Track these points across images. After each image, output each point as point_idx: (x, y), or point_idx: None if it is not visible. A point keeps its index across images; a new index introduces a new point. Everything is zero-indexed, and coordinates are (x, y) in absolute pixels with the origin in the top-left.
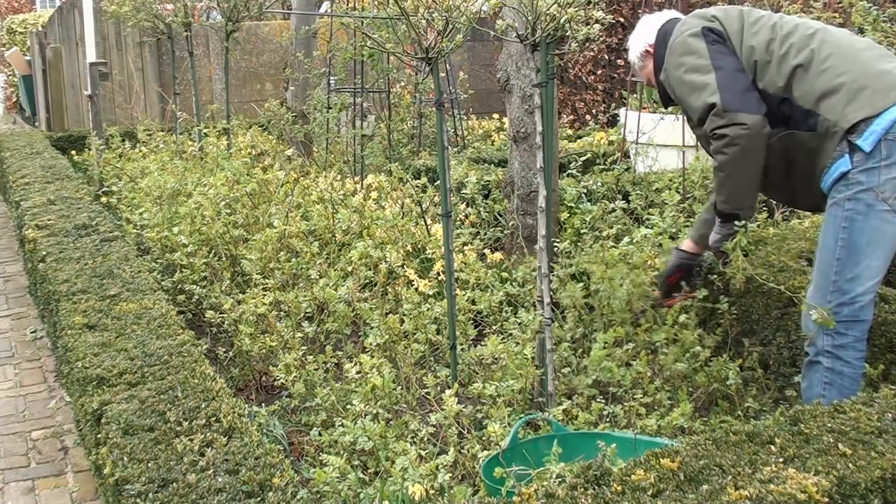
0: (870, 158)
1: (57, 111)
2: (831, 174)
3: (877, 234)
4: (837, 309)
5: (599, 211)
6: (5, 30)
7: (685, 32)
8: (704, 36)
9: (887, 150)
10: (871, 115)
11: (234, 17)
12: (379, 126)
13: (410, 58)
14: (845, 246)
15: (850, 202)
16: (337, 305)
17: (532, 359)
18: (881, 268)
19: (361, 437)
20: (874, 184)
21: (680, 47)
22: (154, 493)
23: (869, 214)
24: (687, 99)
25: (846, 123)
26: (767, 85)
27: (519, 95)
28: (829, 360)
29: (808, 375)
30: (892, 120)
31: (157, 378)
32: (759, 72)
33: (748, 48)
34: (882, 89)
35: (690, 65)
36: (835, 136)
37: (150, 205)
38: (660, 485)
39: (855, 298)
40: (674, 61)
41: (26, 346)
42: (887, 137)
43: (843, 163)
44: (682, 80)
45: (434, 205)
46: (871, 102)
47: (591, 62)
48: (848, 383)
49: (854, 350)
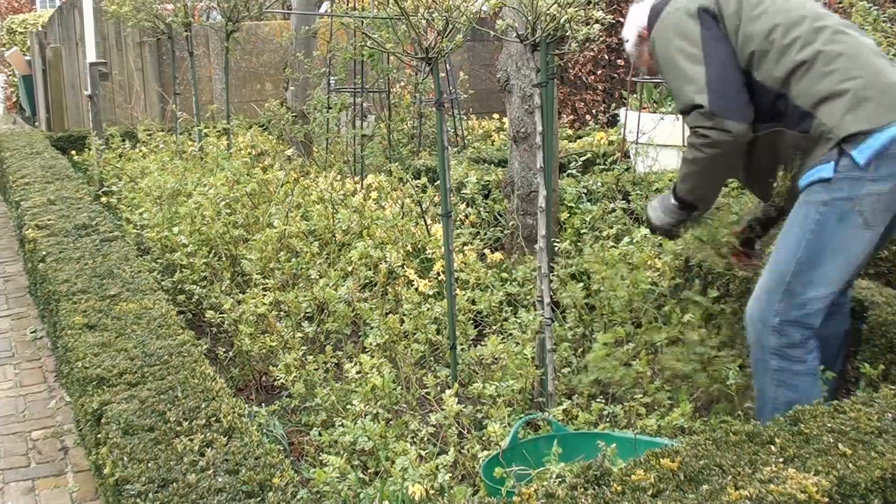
0: (858, 170)
1: (57, 111)
2: (810, 176)
3: (843, 244)
4: (785, 310)
5: (599, 211)
6: (5, 30)
7: (680, 9)
8: (700, 18)
9: (878, 167)
10: (870, 129)
11: (234, 17)
12: (379, 126)
13: (410, 58)
14: (808, 248)
15: (825, 206)
16: (337, 305)
17: (532, 359)
18: (837, 280)
19: (361, 437)
20: (856, 195)
21: (672, 25)
22: (154, 493)
23: (841, 223)
24: (673, 84)
25: (843, 132)
26: (765, 78)
27: (519, 95)
28: (776, 360)
29: (757, 375)
30: (892, 137)
31: (157, 378)
32: (755, 63)
33: (745, 35)
34: (887, 104)
35: (681, 49)
36: (828, 142)
37: (150, 205)
38: (660, 485)
39: (805, 303)
40: (663, 38)
41: (26, 346)
42: (882, 154)
43: (825, 168)
44: (672, 62)
45: (434, 205)
46: (874, 116)
47: (591, 62)
48: (801, 380)
49: (803, 348)
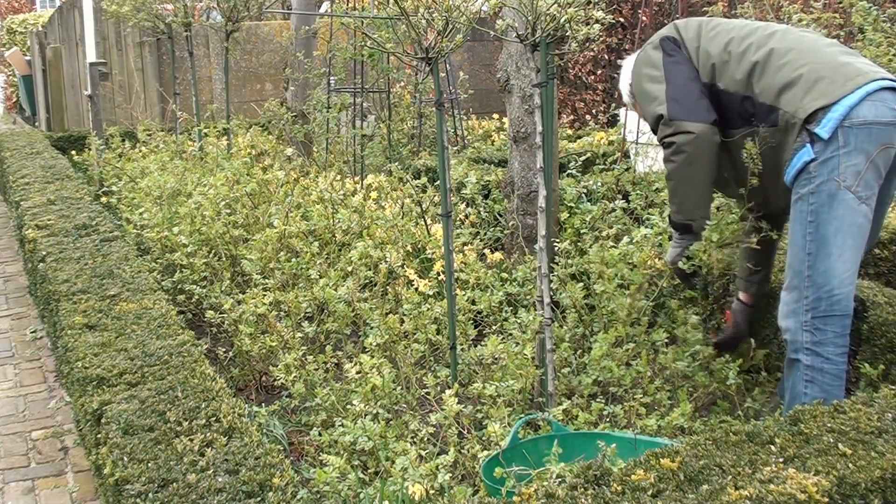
0: (828, 147)
1: (57, 111)
2: (794, 166)
3: (843, 223)
4: (815, 304)
5: (599, 211)
6: (5, 30)
7: (647, 46)
8: (662, 47)
9: (844, 138)
10: (827, 104)
11: (234, 17)
12: (379, 126)
13: (410, 58)
14: (814, 240)
15: (812, 196)
16: (337, 305)
17: (532, 359)
18: (854, 258)
19: (361, 437)
20: (834, 173)
21: (641, 61)
22: (154, 493)
23: (832, 204)
24: (645, 110)
25: (803, 114)
26: (728, 84)
27: (519, 95)
28: (809, 357)
29: (788, 374)
30: (849, 106)
31: (157, 378)
32: (718, 73)
33: (704, 53)
34: (839, 79)
35: (647, 75)
36: (794, 127)
37: (150, 205)
38: (660, 485)
39: (831, 291)
40: (636, 74)
41: (26, 346)
42: (843, 125)
43: (804, 153)
44: (641, 90)
45: (434, 205)
46: (828, 91)
47: (591, 62)
48: (830, 380)
49: (834, 346)
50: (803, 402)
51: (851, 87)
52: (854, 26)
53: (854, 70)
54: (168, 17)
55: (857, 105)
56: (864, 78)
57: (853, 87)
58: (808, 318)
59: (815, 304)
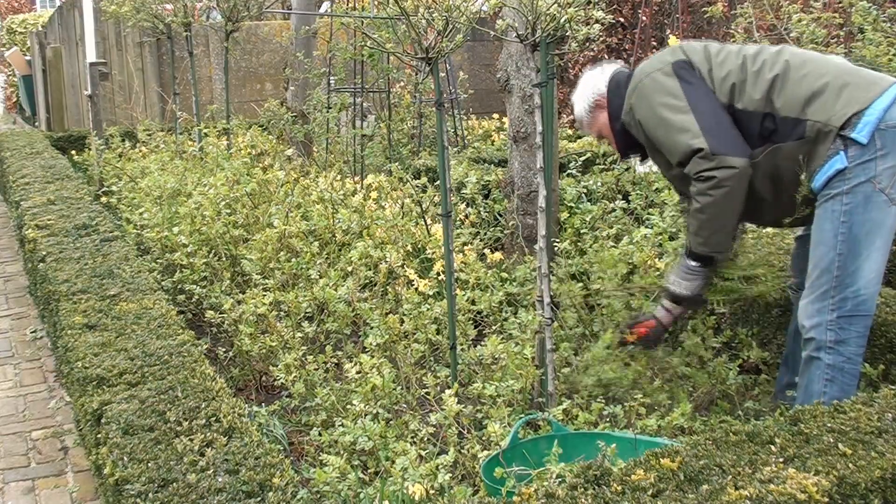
0: (866, 151)
1: (57, 111)
2: (824, 172)
3: (875, 225)
4: (841, 304)
5: (599, 211)
6: (5, 30)
7: (656, 71)
8: (677, 74)
9: (881, 141)
10: (861, 109)
11: (233, 17)
12: (379, 126)
13: (410, 58)
14: (846, 240)
15: (848, 196)
16: (337, 305)
17: (532, 359)
18: (881, 259)
19: (361, 437)
20: (871, 175)
21: (652, 87)
22: (154, 493)
23: (867, 206)
24: (665, 140)
25: (838, 121)
26: (747, 103)
27: (519, 95)
28: (830, 355)
29: (806, 372)
30: (884, 109)
31: (157, 378)
32: (737, 93)
33: (720, 74)
34: (864, 84)
35: (666, 104)
36: (828, 136)
37: (150, 205)
38: (660, 485)
39: (857, 292)
40: (646, 102)
41: (26, 346)
42: (880, 127)
43: (838, 160)
44: (660, 119)
45: (434, 205)
46: (858, 96)
47: (591, 62)
48: (848, 380)
49: (855, 346)
50: (822, 402)
51: (878, 90)
52: (854, 26)
53: (871, 75)
54: (168, 17)
55: (889, 108)
56: (885, 81)
57: (880, 91)
58: (834, 317)
59: (842, 303)
